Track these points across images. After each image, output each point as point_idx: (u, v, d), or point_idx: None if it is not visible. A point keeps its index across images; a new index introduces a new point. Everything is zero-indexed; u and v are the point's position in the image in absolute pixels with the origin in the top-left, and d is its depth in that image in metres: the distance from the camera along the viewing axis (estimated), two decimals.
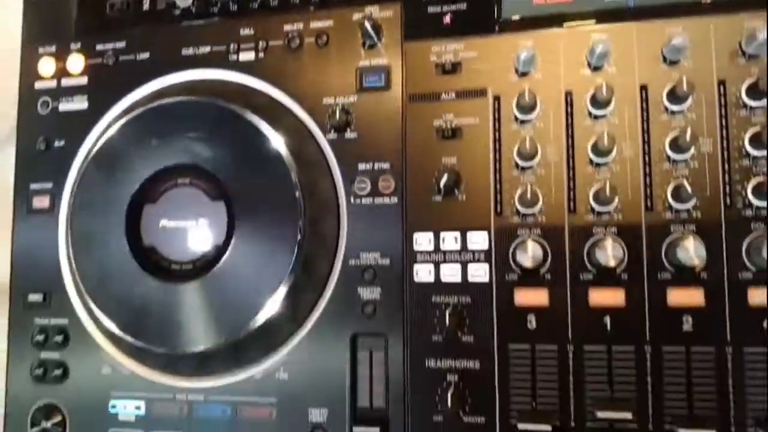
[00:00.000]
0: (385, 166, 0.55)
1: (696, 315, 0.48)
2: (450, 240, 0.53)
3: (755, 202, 0.48)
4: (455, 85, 0.54)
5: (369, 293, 0.55)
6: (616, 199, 0.50)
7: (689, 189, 0.47)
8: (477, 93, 0.54)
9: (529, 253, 0.50)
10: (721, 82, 0.50)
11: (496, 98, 0.54)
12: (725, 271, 0.48)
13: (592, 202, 0.50)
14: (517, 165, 0.52)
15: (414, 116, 0.55)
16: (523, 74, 0.53)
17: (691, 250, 0.47)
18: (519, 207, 0.52)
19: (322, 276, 0.56)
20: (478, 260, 0.53)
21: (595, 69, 0.52)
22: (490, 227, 0.53)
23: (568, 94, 0.52)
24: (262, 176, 0.56)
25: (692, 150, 0.49)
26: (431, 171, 0.54)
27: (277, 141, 0.55)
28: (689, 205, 0.49)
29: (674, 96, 0.49)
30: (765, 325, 0.47)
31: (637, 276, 0.49)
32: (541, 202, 0.51)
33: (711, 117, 0.49)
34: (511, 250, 0.51)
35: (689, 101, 0.49)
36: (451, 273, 0.53)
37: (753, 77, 0.48)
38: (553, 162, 0.52)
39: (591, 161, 0.51)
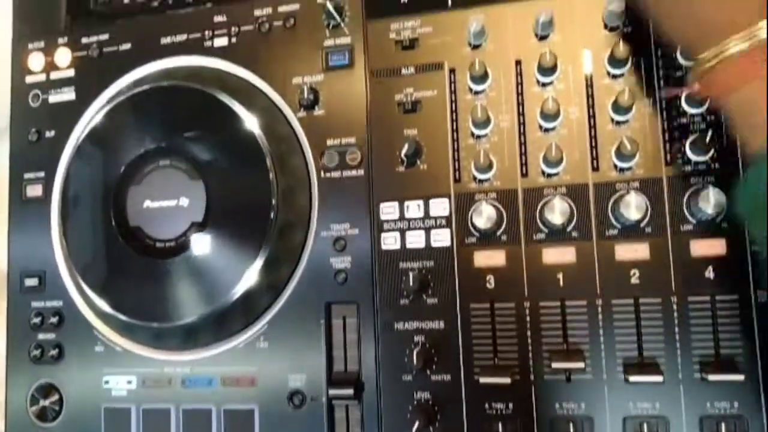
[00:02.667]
0: (352, 140, 0.68)
1: (642, 268, 0.60)
2: (414, 208, 0.66)
3: (693, 157, 0.59)
4: (414, 60, 0.66)
5: (340, 263, 0.67)
6: (564, 161, 0.61)
7: (629, 147, 0.59)
8: (434, 67, 0.66)
9: (484, 216, 0.61)
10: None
11: (452, 71, 0.65)
12: (668, 224, 0.59)
13: (542, 165, 0.62)
14: (473, 134, 0.65)
15: (377, 92, 0.67)
16: (476, 47, 0.65)
17: (633, 205, 0.58)
18: (475, 173, 0.64)
19: (296, 248, 0.68)
20: (440, 226, 0.65)
21: (542, 38, 0.63)
22: (450, 194, 0.65)
23: (518, 63, 0.64)
24: (237, 155, 0.69)
25: (633, 111, 0.60)
26: (394, 143, 0.66)
27: (250, 121, 0.68)
28: (632, 163, 0.60)
29: (615, 60, 0.61)
30: (707, 274, 0.58)
31: (587, 233, 0.61)
32: (495, 168, 0.63)
33: (649, 80, 0.61)
34: (469, 214, 0.63)
35: (629, 65, 0.61)
36: (415, 239, 0.65)
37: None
38: (506, 129, 0.64)
39: (540, 126, 0.63)
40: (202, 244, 0.68)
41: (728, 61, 0.45)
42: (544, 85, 0.62)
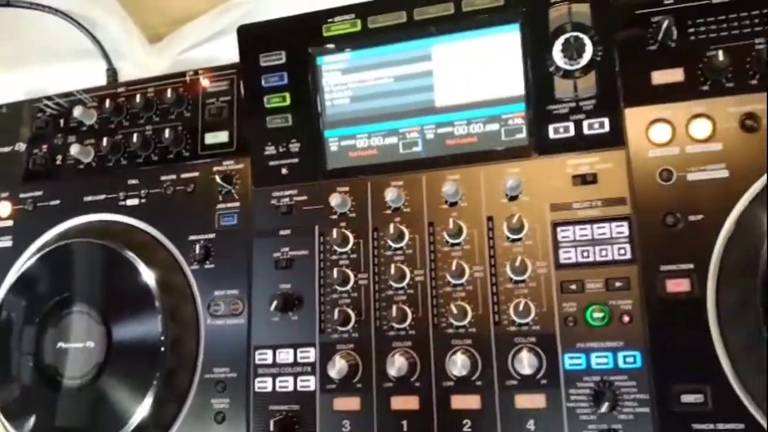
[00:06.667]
0: (235, 291, 0.75)
1: (474, 417, 0.64)
2: (284, 355, 0.71)
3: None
4: (290, 223, 0.74)
5: (219, 404, 0.73)
6: (410, 317, 0.67)
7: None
8: (307, 230, 0.73)
9: (336, 367, 0.67)
10: (490, 218, 0.68)
11: (321, 234, 0.73)
12: (495, 377, 0.64)
13: (391, 321, 0.68)
14: (335, 290, 0.71)
15: (258, 249, 0.74)
16: (341, 215, 0.73)
17: (459, 363, 0.64)
18: (337, 327, 0.70)
19: (183, 388, 0.74)
20: (307, 372, 0.70)
21: (395, 210, 0.71)
22: (316, 343, 0.71)
23: (375, 230, 0.71)
24: (134, 305, 0.75)
25: (467, 275, 0.66)
26: (271, 296, 0.73)
27: (147, 275, 0.75)
28: (464, 322, 0.66)
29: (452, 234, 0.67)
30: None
31: (428, 384, 0.66)
32: (353, 322, 0.69)
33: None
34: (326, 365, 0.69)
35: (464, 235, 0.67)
36: (284, 384, 0.71)
37: (512, 216, 0.66)
38: (363, 287, 0.70)
39: (391, 286, 0.69)
40: (101, 384, 0.73)
41: None
42: (395, 249, 0.69)
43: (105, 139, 0.81)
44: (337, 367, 0.66)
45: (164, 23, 0.96)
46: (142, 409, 0.72)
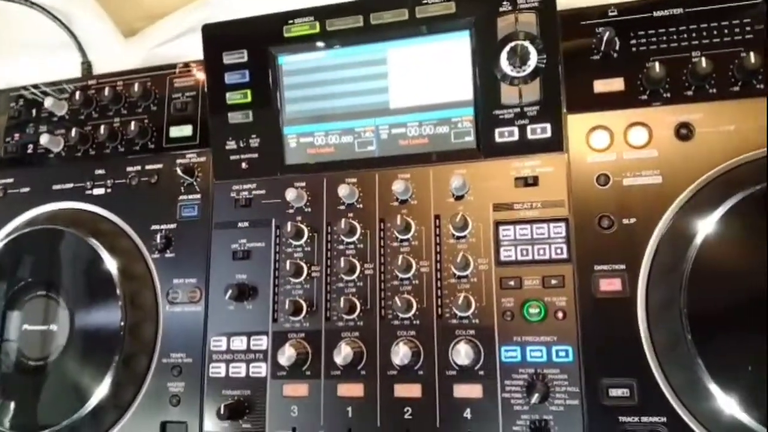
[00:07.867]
0: (194, 280, 0.77)
1: (414, 405, 0.67)
2: (238, 342, 0.74)
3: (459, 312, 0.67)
4: (248, 216, 0.76)
5: (175, 387, 0.75)
6: (358, 309, 0.70)
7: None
8: (264, 223, 0.76)
9: (286, 354, 0.69)
10: (437, 217, 0.70)
11: (278, 227, 0.75)
12: (436, 368, 0.67)
13: (340, 312, 0.70)
14: (289, 281, 0.73)
15: (217, 240, 0.77)
16: (297, 209, 0.75)
17: (401, 353, 0.66)
18: (289, 316, 0.72)
19: (141, 372, 0.76)
20: (259, 359, 0.73)
21: (348, 206, 0.73)
22: (269, 332, 0.73)
23: (329, 225, 0.73)
24: (96, 291, 0.77)
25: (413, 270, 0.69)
26: (227, 285, 0.75)
27: (109, 262, 0.77)
28: (409, 314, 0.68)
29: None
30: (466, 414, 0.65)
31: (372, 372, 0.69)
32: (304, 312, 0.72)
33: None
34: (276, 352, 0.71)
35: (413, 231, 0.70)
36: (237, 370, 0.73)
37: (457, 215, 0.68)
38: (315, 279, 0.73)
39: (342, 279, 0.71)
40: (63, 366, 0.75)
41: None
42: (347, 244, 0.71)
43: (74, 130, 0.83)
44: (287, 354, 0.68)
45: (139, 18, 0.98)
46: (100, 391, 0.74)
